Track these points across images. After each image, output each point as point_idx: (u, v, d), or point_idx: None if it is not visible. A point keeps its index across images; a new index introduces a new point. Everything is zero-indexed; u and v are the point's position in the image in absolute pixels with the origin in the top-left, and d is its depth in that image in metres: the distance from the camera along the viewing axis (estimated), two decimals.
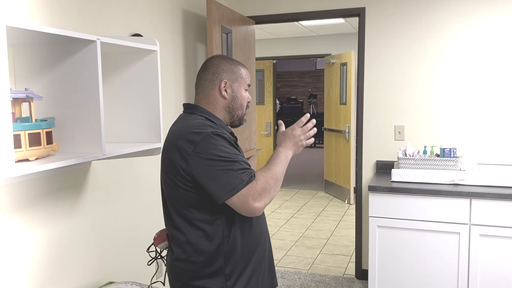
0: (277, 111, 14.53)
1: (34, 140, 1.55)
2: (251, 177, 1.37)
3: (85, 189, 2.20)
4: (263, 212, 1.62)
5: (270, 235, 4.90)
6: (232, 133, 1.59)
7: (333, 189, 6.72)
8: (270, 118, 7.27)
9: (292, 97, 15.02)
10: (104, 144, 1.74)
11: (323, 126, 6.95)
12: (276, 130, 7.55)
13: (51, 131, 1.64)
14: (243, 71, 1.61)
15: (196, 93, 1.61)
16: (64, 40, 1.67)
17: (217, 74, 1.56)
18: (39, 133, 1.56)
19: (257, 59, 7.22)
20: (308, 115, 1.59)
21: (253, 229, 1.53)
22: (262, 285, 1.59)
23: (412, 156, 3.18)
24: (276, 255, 4.28)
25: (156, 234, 1.70)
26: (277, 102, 14.66)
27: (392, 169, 3.10)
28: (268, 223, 5.37)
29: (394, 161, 3.46)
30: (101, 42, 1.73)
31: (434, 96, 3.36)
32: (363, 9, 3.48)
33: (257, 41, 7.19)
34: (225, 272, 1.46)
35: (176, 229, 1.49)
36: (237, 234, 1.48)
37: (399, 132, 3.46)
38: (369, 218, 3.00)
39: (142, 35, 2.62)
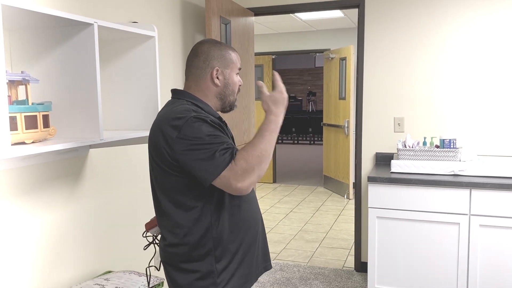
0: None
1: (31, 123, 1.53)
2: (232, 156, 1.34)
3: (83, 176, 2.18)
4: (254, 195, 1.60)
5: (269, 229, 4.88)
6: (220, 118, 1.56)
7: (332, 184, 6.71)
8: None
9: (291, 94, 15.00)
10: (102, 129, 1.72)
11: (322, 122, 6.94)
12: None
13: (47, 115, 1.62)
14: (234, 55, 1.58)
15: (186, 79, 1.58)
16: (61, 23, 1.65)
17: (208, 61, 1.53)
18: (36, 116, 1.55)
19: (256, 54, 7.17)
20: (276, 73, 1.53)
21: (243, 212, 1.51)
22: (256, 267, 1.58)
23: (412, 147, 3.17)
24: (275, 248, 4.27)
25: (150, 220, 1.69)
26: None
27: (392, 160, 3.09)
28: (267, 217, 5.36)
29: (393, 153, 3.45)
30: (98, 25, 1.72)
31: (434, 88, 3.35)
32: (363, 0, 3.46)
33: (256, 36, 7.16)
34: (215, 255, 1.46)
35: (166, 214, 1.48)
36: (226, 217, 1.46)
37: (398, 124, 3.45)
38: (369, 209, 2.99)
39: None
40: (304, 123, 13.39)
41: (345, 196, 6.27)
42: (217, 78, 1.53)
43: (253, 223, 1.55)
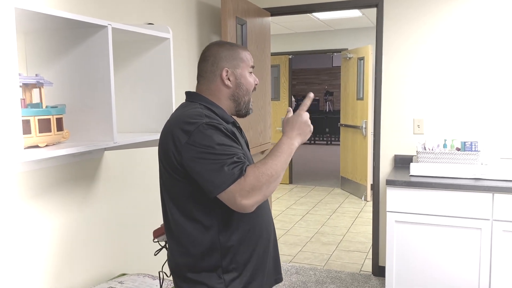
0: (292, 108, 14.46)
1: (44, 126, 1.52)
2: (242, 172, 1.26)
3: (97, 179, 2.17)
4: (267, 202, 1.53)
5: (285, 231, 4.84)
6: (234, 123, 1.51)
7: (350, 185, 6.63)
8: (285, 114, 7.20)
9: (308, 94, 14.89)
10: (116, 132, 1.71)
11: (339, 122, 6.86)
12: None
13: (61, 118, 1.61)
14: (244, 54, 1.50)
15: (198, 83, 1.53)
16: (75, 25, 1.64)
17: (216, 63, 1.47)
18: (49, 119, 1.54)
19: (273, 54, 7.15)
20: (312, 94, 1.47)
21: (254, 221, 1.43)
22: (267, 280, 1.50)
23: (432, 150, 3.10)
24: (291, 251, 4.23)
25: (159, 227, 1.66)
26: (293, 99, 14.58)
27: (411, 163, 3.02)
28: (283, 219, 5.32)
29: (412, 155, 3.37)
30: (112, 28, 1.70)
31: (455, 88, 3.26)
32: None
33: (273, 36, 7.12)
34: (224, 266, 1.39)
35: (172, 221, 1.42)
36: (236, 226, 1.39)
37: (418, 125, 3.37)
38: (387, 213, 2.92)
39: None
40: (321, 123, 13.29)
41: (363, 198, 6.18)
42: (228, 79, 1.47)
43: (265, 232, 1.48)
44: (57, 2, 1.89)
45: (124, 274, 2.26)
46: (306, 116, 1.43)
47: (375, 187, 3.54)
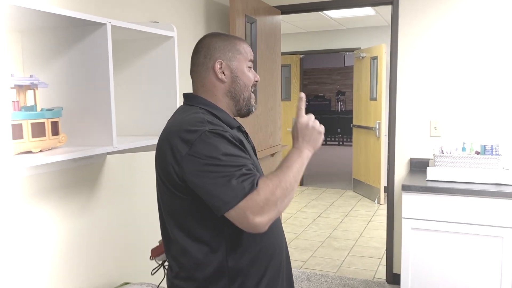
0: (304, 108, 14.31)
1: (38, 130, 1.43)
2: (253, 185, 1.10)
3: (99, 184, 2.08)
4: (279, 216, 1.34)
5: (296, 235, 4.72)
6: (240, 127, 1.36)
7: (362, 188, 6.48)
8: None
9: (319, 94, 14.75)
10: (115, 137, 1.61)
11: (352, 123, 6.72)
12: None
13: (57, 121, 1.52)
14: (241, 45, 1.33)
15: (192, 82, 1.37)
16: (73, 23, 1.55)
17: (209, 55, 1.30)
18: (44, 123, 1.44)
19: (284, 53, 7.04)
20: (303, 94, 1.32)
21: (266, 239, 1.27)
22: None
23: (450, 153, 2.95)
24: (302, 256, 4.10)
25: (159, 243, 1.53)
26: (305, 99, 14.42)
27: (428, 167, 2.88)
28: (293, 222, 5.20)
29: (429, 159, 3.23)
30: (112, 25, 1.60)
31: (474, 89, 3.11)
32: None
33: (284, 35, 7.01)
34: None
35: (173, 241, 1.26)
36: (246, 247, 1.24)
37: (435, 127, 3.23)
38: (402, 219, 2.79)
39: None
40: (333, 124, 13.13)
41: (376, 201, 6.03)
42: (222, 73, 1.30)
43: (277, 252, 1.32)
44: (59, 1, 1.80)
45: (126, 283, 2.17)
46: (305, 120, 1.28)
47: (389, 191, 3.40)
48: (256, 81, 1.37)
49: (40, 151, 1.47)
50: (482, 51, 3.06)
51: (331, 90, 15.03)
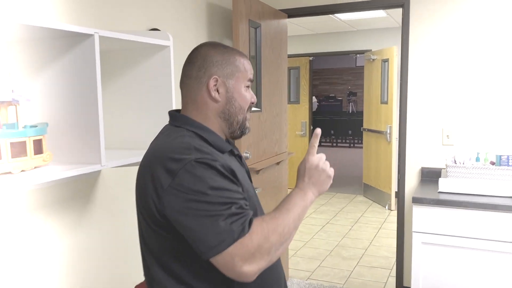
0: (314, 110, 14.18)
1: (19, 150, 1.34)
2: (244, 228, 0.98)
3: (93, 200, 1.99)
4: None
5: (304, 244, 4.60)
6: (232, 150, 1.23)
7: (373, 193, 6.33)
8: (306, 118, 6.95)
9: (330, 95, 14.58)
10: (103, 155, 1.52)
11: (362, 126, 6.58)
12: (312, 131, 7.24)
13: (41, 139, 1.43)
14: (242, 61, 1.19)
15: (181, 95, 1.23)
16: (61, 34, 1.46)
17: (204, 68, 1.16)
18: (25, 142, 1.36)
19: (293, 56, 6.92)
20: (319, 130, 1.17)
21: (262, 278, 1.11)
22: None
23: (463, 163, 2.81)
24: (309, 266, 3.99)
25: (141, 282, 1.41)
26: (315, 100, 14.28)
27: (440, 179, 2.75)
28: (301, 229, 5.08)
29: (441, 168, 3.09)
30: (100, 36, 1.51)
31: (488, 96, 2.96)
32: None
33: (293, 37, 6.89)
34: None
35: (156, 281, 1.12)
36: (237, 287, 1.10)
37: (447, 135, 3.09)
38: (413, 233, 2.66)
39: (160, 30, 2.40)
40: (344, 125, 12.97)
41: (387, 207, 5.88)
42: (217, 91, 1.17)
43: None
44: (58, 9, 1.72)
45: None
46: (316, 160, 1.16)
47: (399, 202, 3.27)
48: (252, 103, 1.24)
49: (22, 171, 1.38)
50: (498, 56, 2.92)
51: (342, 91, 14.85)
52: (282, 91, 3.48)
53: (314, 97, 14.36)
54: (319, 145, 12.93)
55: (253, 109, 2.95)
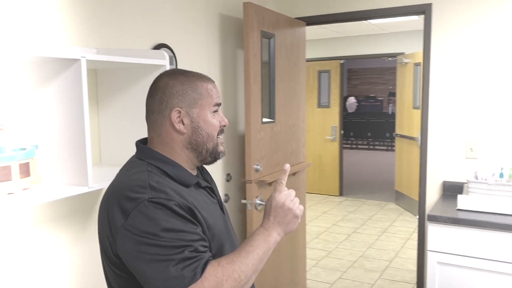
0: (353, 110, 13.91)
1: (4, 174, 1.38)
2: (196, 274, 0.94)
3: (91, 216, 2.03)
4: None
5: (327, 253, 4.52)
6: (199, 183, 1.16)
7: (405, 201, 6.14)
8: (336, 122, 6.82)
9: (371, 95, 14.25)
10: (90, 177, 1.54)
11: (394, 131, 6.39)
12: (343, 135, 7.10)
13: (28, 163, 1.46)
14: (204, 88, 1.14)
15: (147, 128, 1.20)
16: (49, 59, 1.49)
17: (165, 101, 1.12)
18: (9, 166, 1.39)
19: (323, 59, 6.82)
20: (288, 166, 1.13)
21: None
22: None
23: (485, 179, 2.66)
24: (330, 278, 3.91)
25: None
26: (354, 100, 14.01)
27: (459, 195, 2.61)
28: (326, 238, 4.99)
29: (464, 183, 2.94)
30: (87, 60, 1.53)
31: None
32: (429, 5, 2.99)
33: (322, 40, 6.78)
34: None
35: None
36: None
37: (471, 148, 2.93)
38: (428, 252, 2.54)
39: (169, 45, 2.42)
40: (381, 127, 12.65)
41: (418, 216, 5.68)
42: (181, 122, 1.12)
43: None
44: (57, 26, 1.76)
45: None
46: (282, 198, 1.10)
47: (420, 216, 3.14)
48: (224, 126, 1.19)
49: (9, 193, 1.42)
50: None
51: (383, 91, 14.49)
52: (300, 100, 3.42)
53: (353, 98, 14.08)
54: (356, 147, 12.69)
55: (266, 120, 2.92)
